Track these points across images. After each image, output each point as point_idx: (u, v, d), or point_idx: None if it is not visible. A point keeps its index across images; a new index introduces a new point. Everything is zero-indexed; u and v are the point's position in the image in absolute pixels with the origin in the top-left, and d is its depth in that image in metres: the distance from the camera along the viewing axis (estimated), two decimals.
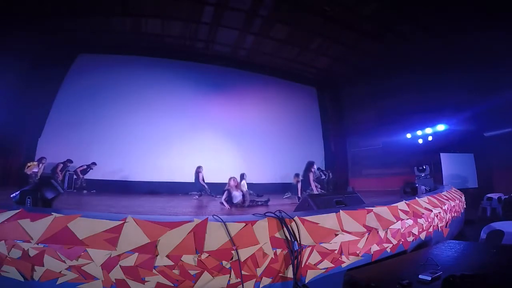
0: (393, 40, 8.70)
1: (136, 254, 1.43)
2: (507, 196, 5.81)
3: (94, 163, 8.28)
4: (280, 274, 1.64)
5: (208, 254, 1.49)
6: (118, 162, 8.77)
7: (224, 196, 5.10)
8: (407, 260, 2.01)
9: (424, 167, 8.19)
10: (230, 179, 5.35)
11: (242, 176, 6.91)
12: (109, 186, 8.29)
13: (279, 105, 11.68)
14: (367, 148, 11.54)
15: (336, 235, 1.90)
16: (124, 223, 1.52)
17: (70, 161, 7.99)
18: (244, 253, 1.54)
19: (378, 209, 2.31)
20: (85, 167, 8.16)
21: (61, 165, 7.79)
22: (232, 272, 1.50)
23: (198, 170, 7.39)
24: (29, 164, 7.26)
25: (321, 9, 7.59)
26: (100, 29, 8.61)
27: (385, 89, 10.40)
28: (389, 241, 2.20)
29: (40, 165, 7.34)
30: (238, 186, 5.32)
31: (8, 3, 6.51)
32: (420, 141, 9.41)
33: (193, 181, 7.48)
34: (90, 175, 8.36)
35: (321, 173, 10.38)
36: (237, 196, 5.13)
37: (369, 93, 11.26)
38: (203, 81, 10.49)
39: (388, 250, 2.19)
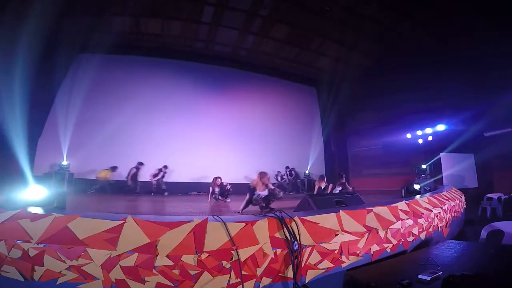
0: (393, 40, 8.70)
1: (136, 254, 1.43)
2: (507, 196, 5.82)
3: (166, 167, 8.56)
4: (280, 274, 1.63)
5: (208, 254, 1.49)
6: (118, 163, 8.75)
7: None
8: (407, 260, 2.01)
9: (424, 167, 8.20)
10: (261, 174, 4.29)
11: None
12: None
13: (279, 105, 11.68)
14: (367, 148, 11.54)
15: (336, 235, 1.89)
16: (124, 223, 1.52)
17: (141, 163, 8.24)
18: (244, 253, 1.54)
19: (378, 209, 2.31)
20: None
21: (134, 169, 8.15)
22: (232, 272, 1.50)
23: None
24: (104, 173, 8.05)
25: (321, 9, 7.60)
26: (100, 29, 8.61)
27: (385, 89, 10.39)
28: (389, 241, 2.20)
29: (113, 173, 8.13)
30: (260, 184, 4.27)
31: (9, 2, 6.51)
32: (420, 141, 9.41)
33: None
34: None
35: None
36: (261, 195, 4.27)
37: (369, 93, 11.26)
38: (203, 81, 10.49)
39: (388, 250, 2.19)
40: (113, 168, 8.24)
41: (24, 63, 8.10)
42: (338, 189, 6.19)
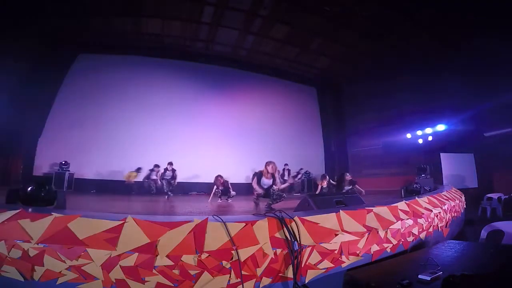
0: (393, 40, 8.70)
1: (136, 254, 1.43)
2: (507, 196, 5.82)
3: (170, 163, 8.06)
4: (280, 274, 1.63)
5: (208, 254, 1.48)
6: (118, 163, 8.76)
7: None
8: (407, 260, 2.00)
9: (424, 167, 8.18)
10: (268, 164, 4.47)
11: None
12: (108, 187, 8.28)
13: (279, 105, 11.68)
14: (367, 148, 11.54)
15: (336, 235, 1.89)
16: (124, 223, 1.52)
17: (157, 165, 8.15)
18: (244, 253, 1.54)
19: (378, 209, 2.30)
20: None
21: (149, 171, 8.16)
22: (232, 272, 1.50)
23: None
24: (132, 174, 8.19)
25: (321, 9, 7.59)
26: (100, 29, 8.61)
27: (385, 89, 10.39)
28: (389, 241, 2.20)
29: (138, 174, 8.29)
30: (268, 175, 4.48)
31: (9, 2, 6.51)
32: (420, 141, 9.40)
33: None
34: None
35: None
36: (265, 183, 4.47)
37: (369, 93, 11.25)
38: (202, 81, 10.49)
39: (388, 250, 2.19)
40: (138, 170, 8.36)
41: (24, 62, 8.11)
42: (346, 189, 6.16)
